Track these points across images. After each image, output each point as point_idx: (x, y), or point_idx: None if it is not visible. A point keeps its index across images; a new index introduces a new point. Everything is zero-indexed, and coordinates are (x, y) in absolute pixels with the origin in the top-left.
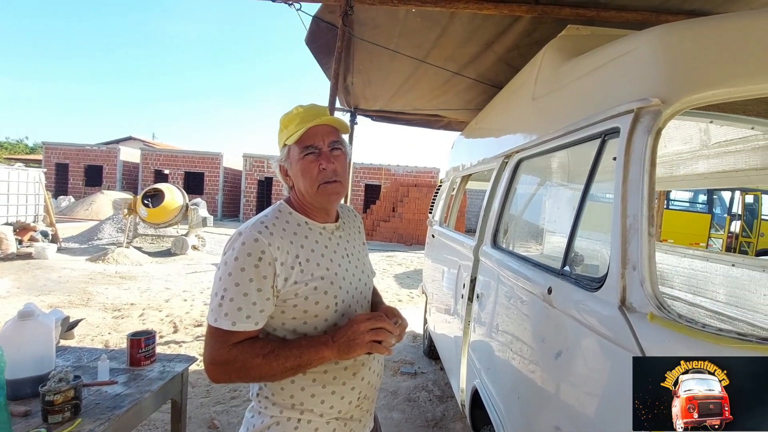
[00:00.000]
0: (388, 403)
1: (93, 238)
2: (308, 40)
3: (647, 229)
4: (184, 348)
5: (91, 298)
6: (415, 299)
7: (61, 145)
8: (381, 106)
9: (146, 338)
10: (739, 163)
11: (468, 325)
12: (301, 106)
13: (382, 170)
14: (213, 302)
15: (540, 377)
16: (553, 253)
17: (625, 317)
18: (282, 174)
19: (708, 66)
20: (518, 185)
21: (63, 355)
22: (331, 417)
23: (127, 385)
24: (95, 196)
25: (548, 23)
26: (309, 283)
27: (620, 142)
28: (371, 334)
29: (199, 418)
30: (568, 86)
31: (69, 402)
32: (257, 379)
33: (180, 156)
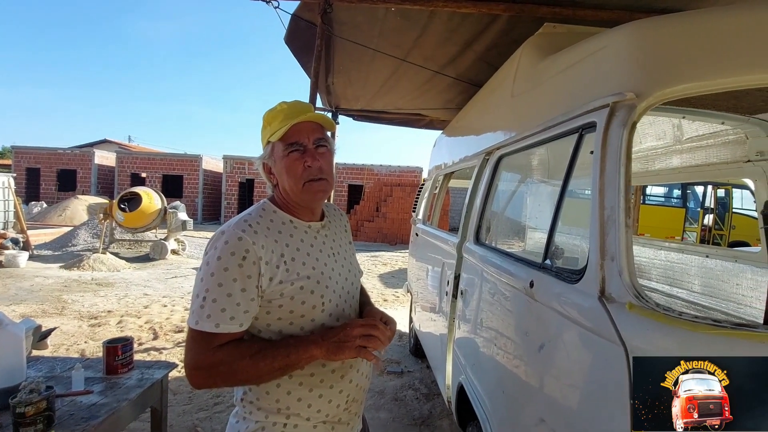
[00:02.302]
0: (375, 403)
1: (67, 244)
2: (287, 38)
3: (624, 221)
4: (165, 355)
5: (65, 307)
6: (400, 298)
7: (32, 149)
8: (362, 105)
9: (123, 345)
10: (711, 158)
11: (453, 322)
12: (285, 102)
13: (365, 170)
14: (194, 304)
15: (524, 371)
16: (535, 248)
17: (605, 307)
18: (266, 172)
19: (680, 61)
20: (499, 182)
21: (35, 365)
22: (318, 421)
23: (104, 395)
24: (69, 201)
25: (526, 22)
26: (295, 283)
27: (597, 136)
28: (362, 339)
29: (181, 426)
30: (545, 83)
31: (41, 413)
32: (243, 381)
33: (157, 159)
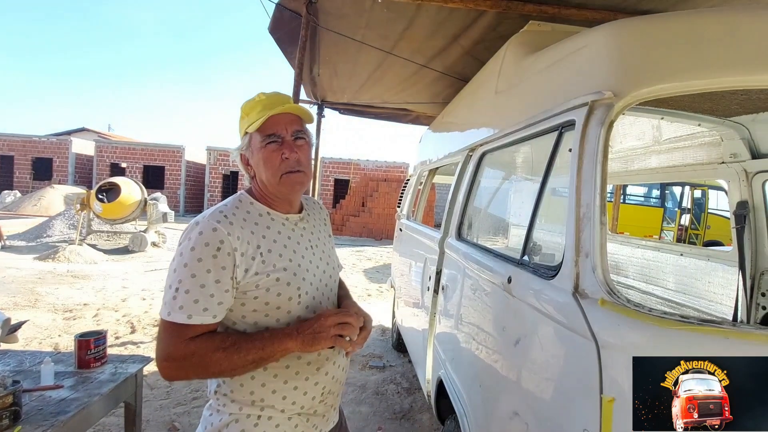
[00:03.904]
0: (357, 397)
1: (42, 235)
2: (272, 28)
3: (599, 219)
4: (143, 349)
5: (39, 299)
6: (384, 293)
7: (5, 135)
8: (348, 98)
9: (96, 339)
10: (687, 159)
11: (434, 317)
12: (264, 93)
13: (351, 165)
14: (167, 295)
15: (500, 365)
16: (514, 245)
17: (578, 303)
18: (243, 163)
19: (657, 61)
20: (482, 178)
21: (2, 359)
22: (293, 413)
23: (74, 389)
24: (44, 191)
25: (512, 18)
26: (271, 275)
27: (575, 134)
28: (337, 328)
29: (158, 421)
30: (528, 80)
31: (7, 408)
32: (216, 374)
33: (138, 148)
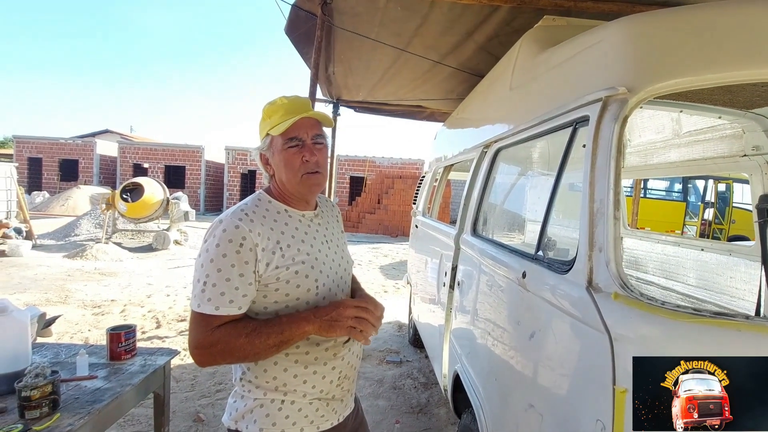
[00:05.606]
0: (374, 391)
1: (70, 234)
2: (288, 29)
3: (613, 213)
4: (168, 343)
5: (69, 296)
6: (400, 290)
7: (34, 138)
8: (363, 96)
9: (126, 332)
10: (708, 152)
11: (450, 312)
12: (285, 97)
13: (367, 162)
14: (195, 288)
15: (515, 358)
16: (529, 240)
17: (592, 297)
18: (262, 162)
19: (671, 56)
20: (497, 174)
21: (40, 351)
22: (313, 397)
23: (107, 380)
24: (71, 191)
25: (527, 13)
26: (290, 267)
27: (589, 129)
28: (354, 320)
29: (184, 412)
30: (543, 76)
31: (46, 397)
32: (242, 359)
33: (159, 149)
